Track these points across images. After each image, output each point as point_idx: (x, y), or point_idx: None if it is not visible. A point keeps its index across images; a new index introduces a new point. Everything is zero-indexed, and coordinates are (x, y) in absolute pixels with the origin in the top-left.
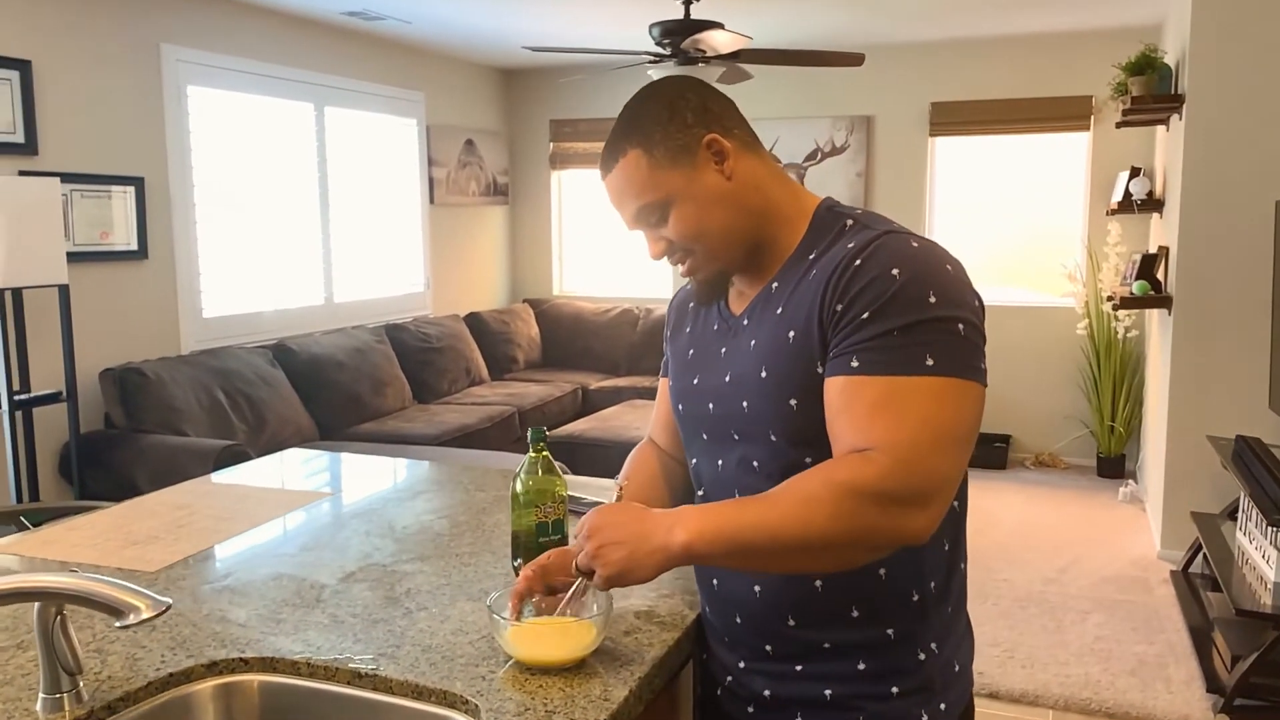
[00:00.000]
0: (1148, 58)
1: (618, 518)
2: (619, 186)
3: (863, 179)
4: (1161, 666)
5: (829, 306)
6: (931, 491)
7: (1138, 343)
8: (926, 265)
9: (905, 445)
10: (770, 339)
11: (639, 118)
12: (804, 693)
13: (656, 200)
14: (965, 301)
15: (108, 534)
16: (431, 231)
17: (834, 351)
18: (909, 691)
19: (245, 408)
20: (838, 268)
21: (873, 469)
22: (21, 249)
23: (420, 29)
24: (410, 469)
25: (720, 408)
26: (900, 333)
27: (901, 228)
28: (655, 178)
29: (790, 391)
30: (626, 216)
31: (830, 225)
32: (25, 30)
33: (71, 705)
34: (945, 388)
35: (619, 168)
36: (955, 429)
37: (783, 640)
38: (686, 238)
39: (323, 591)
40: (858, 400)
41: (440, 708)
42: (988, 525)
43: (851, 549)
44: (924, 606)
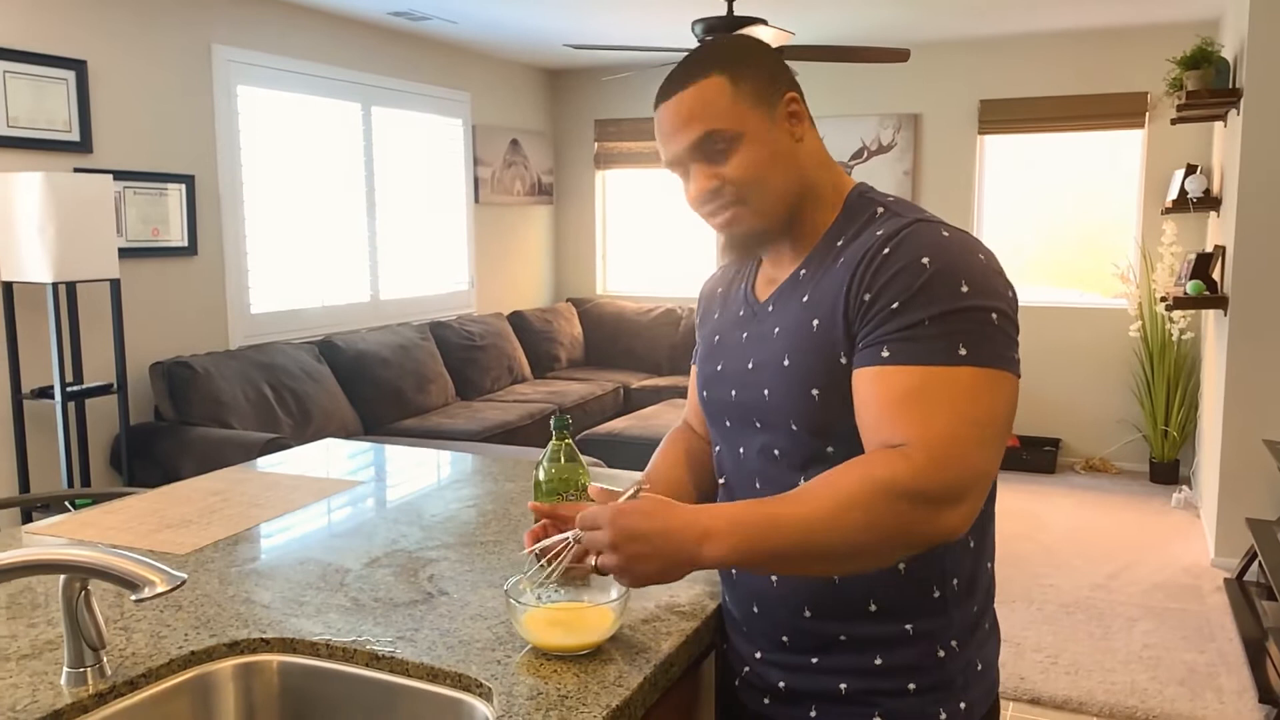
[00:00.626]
0: (1204, 51)
1: (646, 526)
2: (689, 108)
3: (910, 177)
4: (1212, 676)
5: (856, 296)
6: (967, 487)
7: (1193, 345)
8: (958, 254)
9: (940, 440)
10: (794, 327)
11: (729, 49)
12: (819, 686)
13: (729, 131)
14: (998, 291)
15: (142, 517)
16: (476, 231)
17: (863, 342)
18: (927, 689)
19: (291, 402)
20: (865, 255)
21: (908, 467)
22: (75, 244)
23: (466, 29)
24: (442, 460)
25: (742, 395)
26: (932, 322)
27: (933, 216)
28: (735, 109)
29: (813, 381)
30: (682, 143)
31: (861, 211)
32: (81, 31)
33: (95, 679)
34: (979, 378)
35: (696, 88)
36: (990, 421)
37: (799, 632)
38: (746, 182)
39: (347, 576)
40: (889, 392)
41: (455, 690)
42: (1035, 530)
43: (889, 550)
44: (945, 603)
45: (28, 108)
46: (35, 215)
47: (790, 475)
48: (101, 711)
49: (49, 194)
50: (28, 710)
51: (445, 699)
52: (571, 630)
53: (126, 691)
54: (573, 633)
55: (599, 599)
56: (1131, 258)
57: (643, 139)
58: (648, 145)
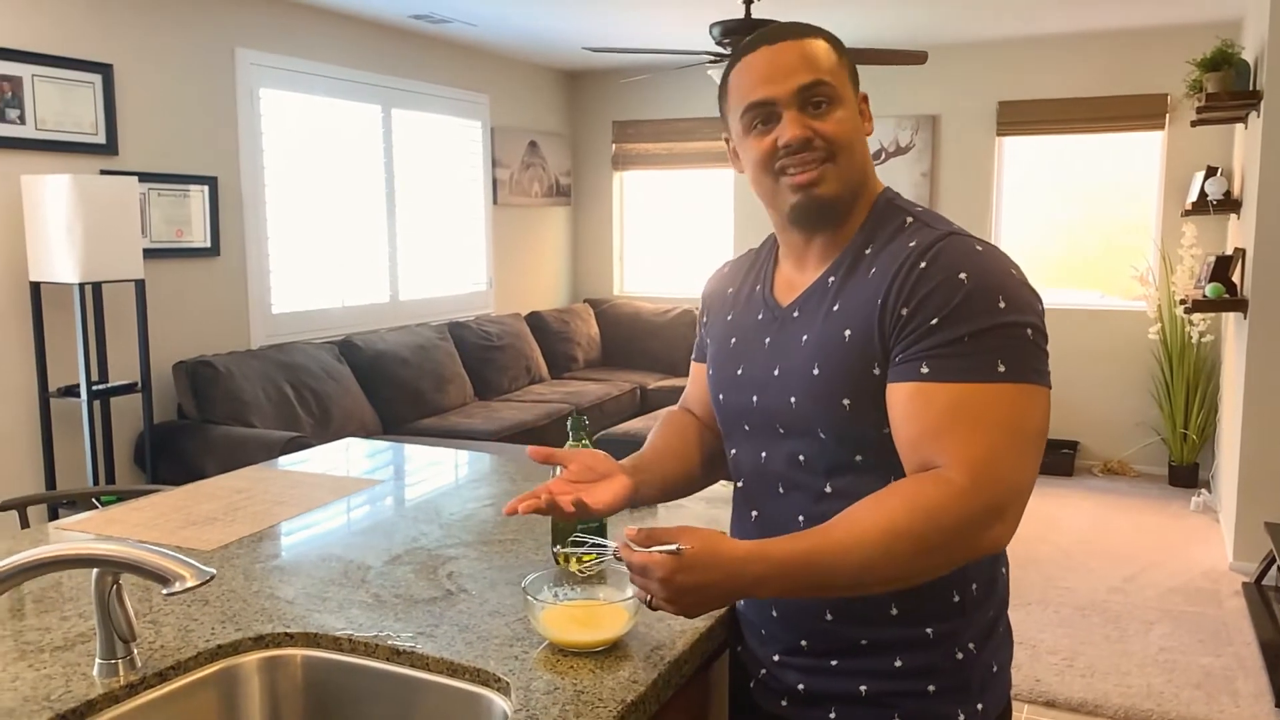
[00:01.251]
0: (1224, 53)
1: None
2: (802, 54)
3: (928, 179)
4: (1229, 679)
5: (893, 309)
6: (1008, 502)
7: (1213, 348)
8: (994, 270)
9: (981, 460)
10: (824, 336)
11: (826, 32)
12: (839, 688)
13: (836, 87)
14: (1031, 306)
15: (168, 514)
16: (494, 231)
17: (900, 356)
18: (946, 691)
19: (311, 401)
20: (901, 269)
21: (951, 492)
22: (101, 245)
23: (485, 31)
24: (460, 459)
25: (765, 400)
26: (971, 339)
27: (961, 229)
28: (839, 73)
29: (844, 391)
30: (791, 84)
31: (890, 219)
32: (107, 36)
33: (126, 671)
34: (1017, 394)
35: (811, 41)
36: (1028, 435)
37: (820, 635)
38: (839, 142)
39: (368, 572)
40: (929, 409)
41: (473, 685)
42: (1051, 532)
43: (937, 571)
44: (965, 607)
45: (56, 111)
46: (63, 217)
47: (815, 481)
48: (132, 702)
49: (76, 196)
50: (62, 700)
51: (464, 693)
52: (588, 627)
53: (156, 683)
54: (589, 629)
55: (614, 596)
56: (1151, 260)
57: (659, 140)
58: (666, 146)
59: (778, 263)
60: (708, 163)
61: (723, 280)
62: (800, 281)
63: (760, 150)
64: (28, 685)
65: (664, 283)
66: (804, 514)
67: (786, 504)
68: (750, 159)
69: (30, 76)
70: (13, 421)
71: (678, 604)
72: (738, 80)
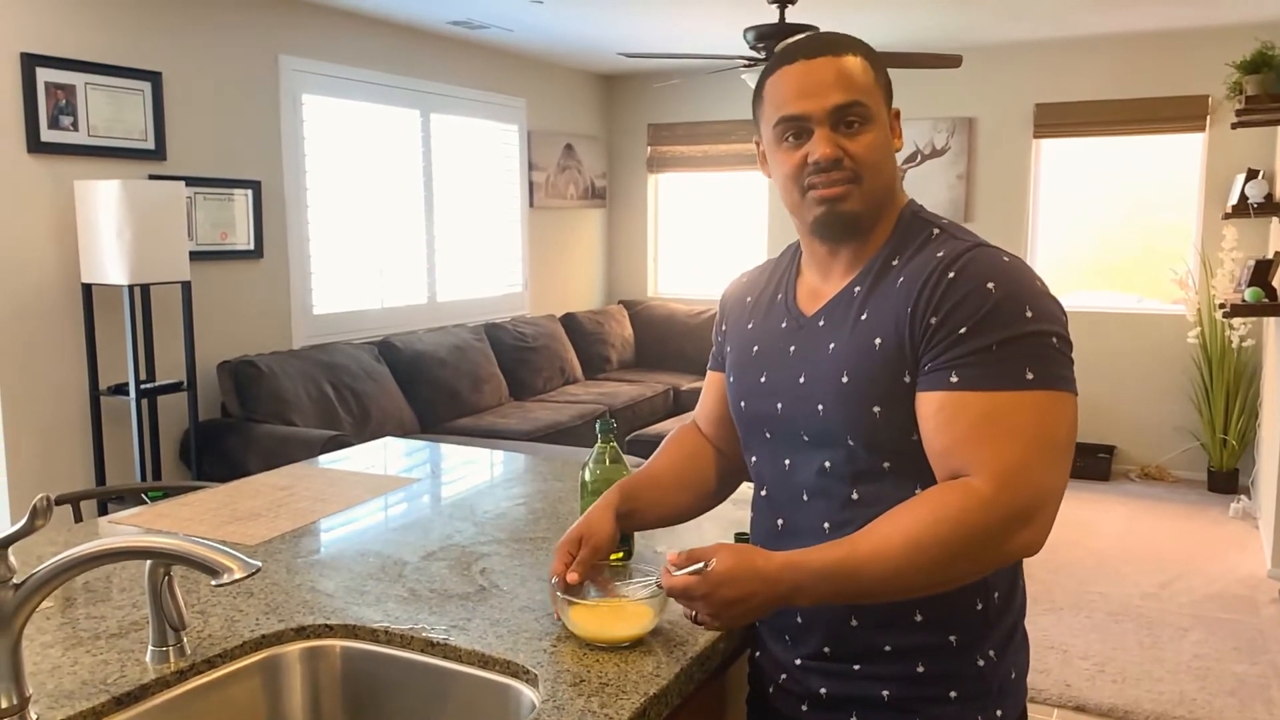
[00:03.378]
0: (1264, 55)
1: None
2: (839, 72)
3: (964, 181)
4: (1263, 688)
5: (922, 318)
6: (1037, 507)
7: (1254, 352)
8: (1020, 280)
9: (1011, 467)
10: (853, 344)
11: (864, 44)
12: (861, 692)
13: (869, 107)
14: (1056, 315)
15: (215, 510)
16: (530, 234)
17: (930, 365)
18: (967, 697)
19: (351, 400)
20: (930, 278)
21: (979, 500)
22: (150, 248)
23: (522, 37)
24: (494, 459)
25: (790, 408)
26: (999, 347)
27: (987, 241)
28: (874, 93)
29: (875, 399)
30: (826, 103)
31: (916, 231)
32: (157, 45)
33: (176, 658)
34: (1046, 401)
35: (849, 58)
36: (1057, 441)
37: (843, 641)
38: (867, 163)
39: (404, 568)
40: (960, 417)
41: (503, 676)
42: (1085, 537)
43: (968, 576)
44: (987, 615)
45: (107, 118)
46: (113, 220)
47: (842, 488)
48: (182, 687)
49: (125, 200)
50: (117, 684)
51: (494, 684)
52: (616, 623)
53: (204, 669)
54: (617, 625)
55: (639, 594)
56: (1191, 263)
57: (694, 143)
58: (700, 149)
59: (800, 271)
60: (742, 165)
61: (741, 289)
62: (825, 291)
63: (790, 164)
64: (85, 670)
65: (698, 284)
66: (829, 521)
67: (811, 511)
68: (780, 170)
69: (83, 85)
70: (65, 419)
71: (721, 618)
72: (773, 90)
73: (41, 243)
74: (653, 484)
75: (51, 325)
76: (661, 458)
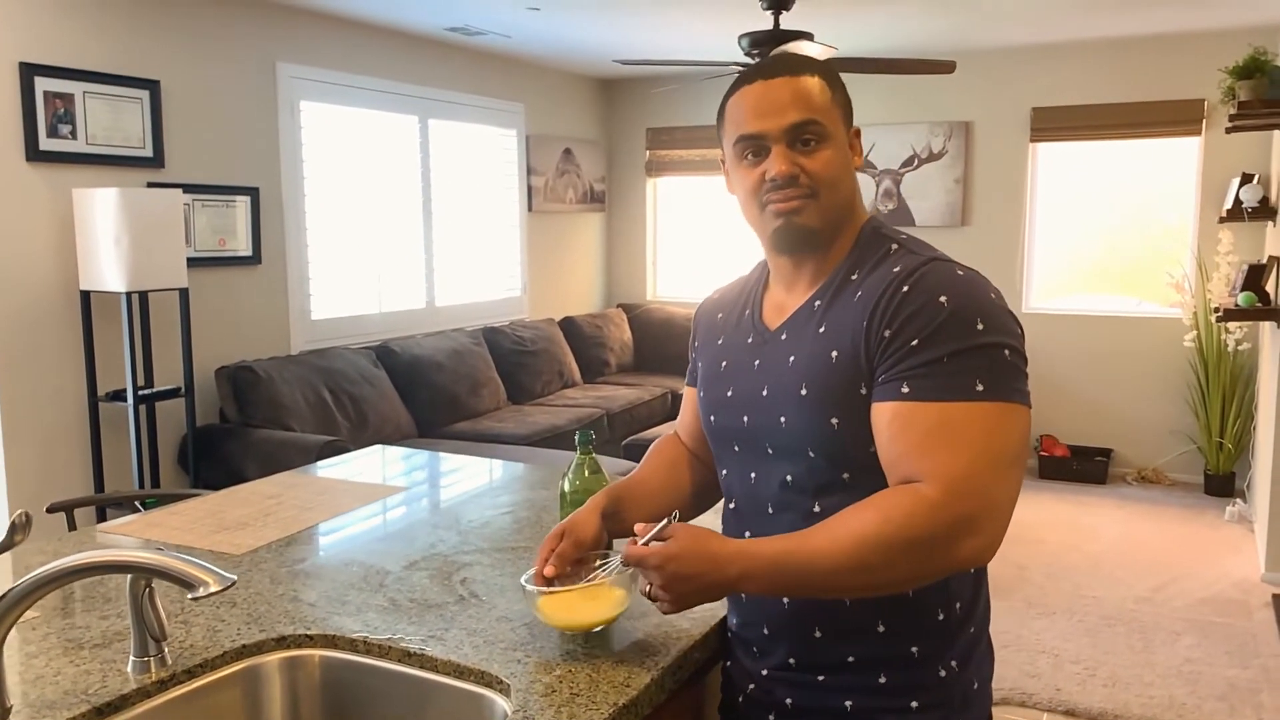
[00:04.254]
0: (1256, 61)
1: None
2: (794, 91)
3: (961, 185)
4: (1254, 692)
5: (876, 331)
6: (984, 516)
7: (1249, 356)
8: (973, 293)
9: (960, 476)
10: (812, 357)
11: (824, 65)
12: (825, 703)
13: (825, 126)
14: (1009, 328)
15: (204, 519)
16: (529, 238)
17: (883, 377)
18: (928, 707)
19: (349, 405)
20: (885, 292)
21: (925, 507)
22: (148, 255)
23: (519, 42)
24: (484, 467)
25: (755, 420)
26: (950, 359)
27: (945, 255)
28: (831, 112)
29: (832, 410)
30: (781, 121)
31: (875, 247)
32: (155, 53)
33: (157, 668)
34: (996, 412)
35: (805, 79)
36: (1007, 452)
37: (808, 651)
38: (823, 179)
39: (386, 577)
40: (911, 427)
41: (478, 686)
42: (1082, 540)
43: (911, 582)
44: (948, 626)
45: (105, 126)
46: (111, 228)
47: (804, 501)
48: (163, 697)
49: (124, 208)
50: (98, 694)
51: (468, 694)
52: (583, 608)
53: (185, 679)
54: (584, 610)
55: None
56: (1187, 267)
57: (694, 147)
58: (699, 153)
59: (767, 287)
60: None
61: (713, 305)
62: (789, 305)
63: (750, 181)
64: (68, 680)
65: (697, 288)
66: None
67: (776, 525)
68: (740, 187)
69: (81, 93)
70: (64, 425)
71: (672, 592)
72: (733, 110)
73: (40, 251)
74: (638, 487)
75: (50, 332)
76: (645, 466)
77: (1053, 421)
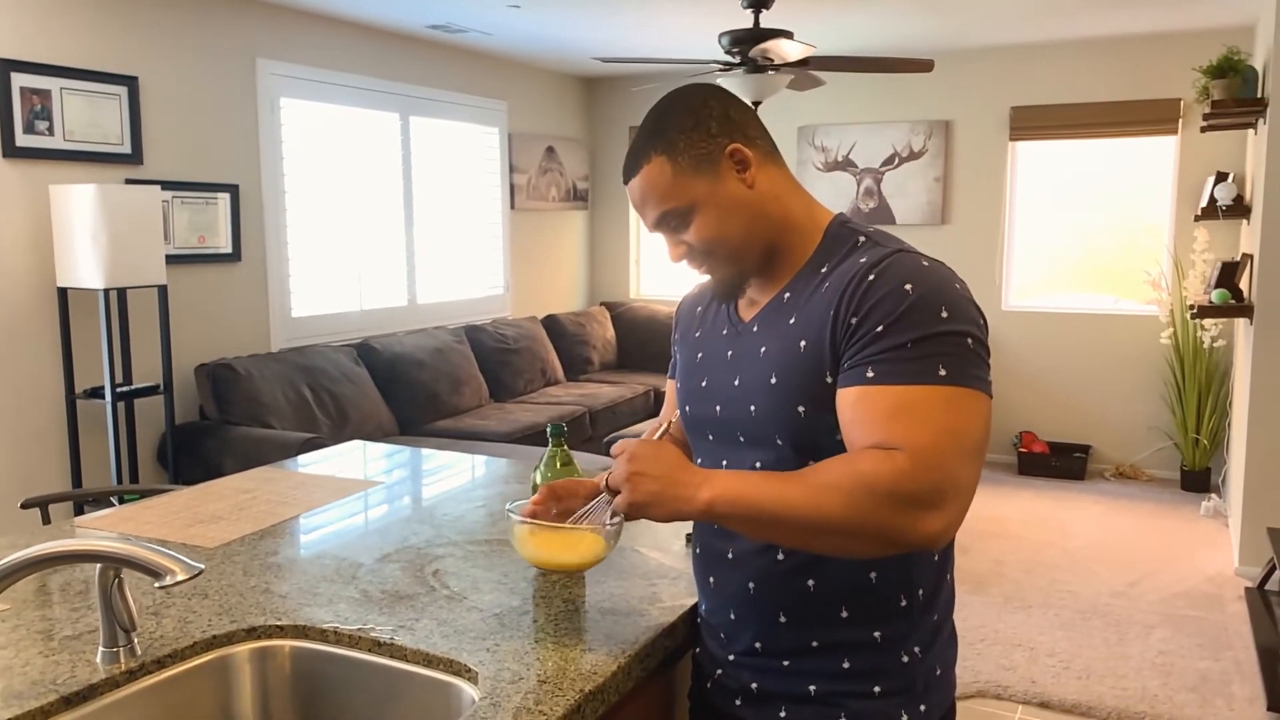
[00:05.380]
0: (1230, 60)
1: (661, 454)
2: (643, 192)
3: (941, 184)
4: (1225, 683)
5: (843, 319)
6: (946, 494)
7: (1225, 352)
8: (937, 282)
9: (924, 449)
10: (781, 348)
11: (663, 125)
12: (789, 688)
13: (679, 207)
14: (973, 318)
15: (178, 513)
16: (512, 236)
17: (848, 363)
18: (891, 692)
19: (329, 403)
20: (851, 281)
21: (892, 466)
22: (126, 252)
23: (501, 40)
24: (461, 462)
25: (727, 410)
26: (914, 345)
27: (912, 247)
28: (679, 185)
29: (799, 399)
30: (649, 220)
31: (843, 240)
32: (133, 49)
33: (126, 658)
34: (957, 396)
35: (643, 174)
36: (969, 436)
37: (773, 636)
38: (707, 243)
39: (359, 570)
40: (874, 409)
41: (446, 675)
42: (1060, 536)
43: (863, 540)
44: (911, 611)
45: (83, 122)
46: (89, 225)
47: None
48: (132, 687)
49: (101, 205)
50: (67, 684)
51: (437, 682)
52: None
53: (154, 670)
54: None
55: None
56: (1164, 265)
57: None
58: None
59: None
60: None
61: (693, 299)
62: (760, 299)
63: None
64: (37, 670)
65: (680, 286)
66: None
67: None
68: None
69: (59, 89)
70: (41, 422)
71: (630, 484)
72: None
73: (17, 247)
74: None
75: (27, 329)
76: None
77: (1032, 418)
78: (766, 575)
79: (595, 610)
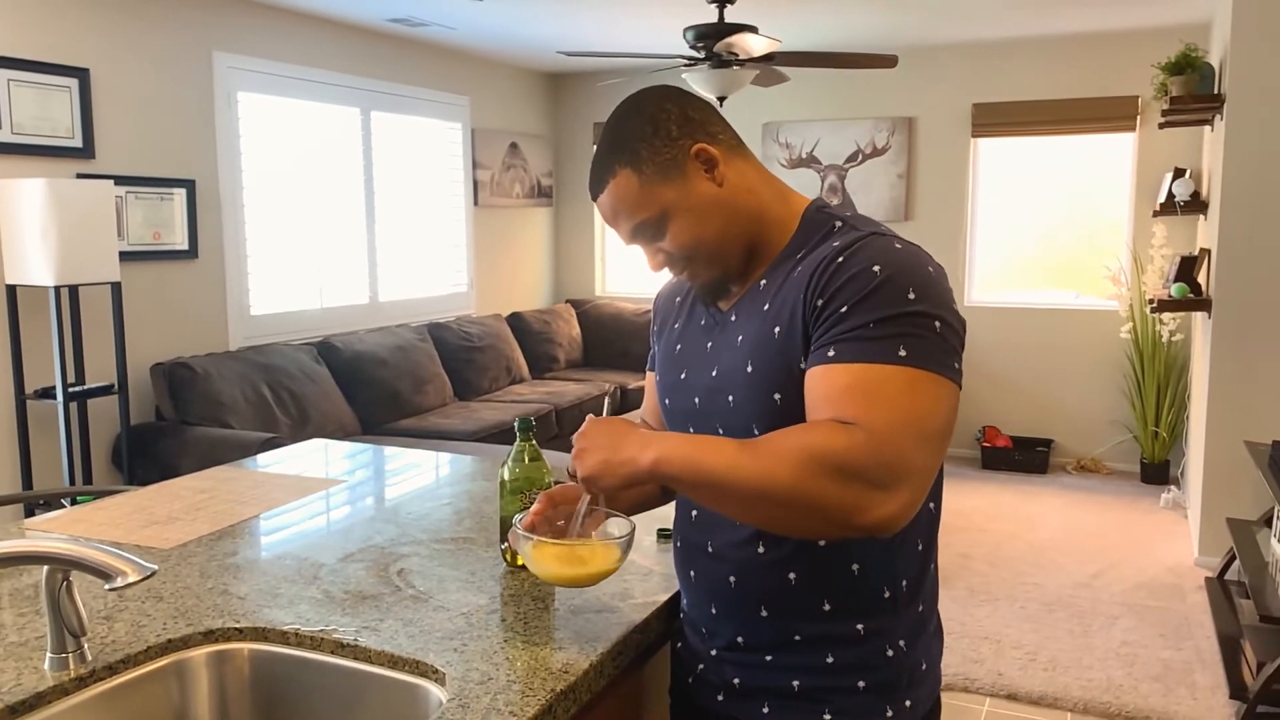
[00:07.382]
0: (1187, 57)
1: (607, 426)
2: (613, 206)
3: (904, 180)
4: (1187, 672)
5: (811, 302)
6: (899, 476)
7: (1183, 346)
8: (908, 264)
9: (880, 426)
10: (756, 335)
11: (623, 136)
12: (773, 683)
13: (651, 217)
14: (944, 303)
15: (132, 514)
16: (475, 233)
17: (814, 345)
18: (875, 687)
19: (289, 402)
20: (821, 264)
21: (846, 438)
22: (77, 248)
23: (464, 34)
24: (426, 461)
25: (706, 402)
26: (877, 325)
27: (889, 230)
28: (647, 194)
29: (774, 386)
30: (623, 234)
31: (820, 226)
32: (84, 40)
33: (75, 664)
34: (918, 379)
35: (610, 189)
36: (928, 420)
37: (755, 630)
38: (685, 248)
39: (320, 570)
40: (831, 388)
41: (412, 676)
42: (1024, 529)
43: (810, 514)
44: (895, 604)
45: (32, 115)
46: (38, 220)
47: None
48: (81, 695)
49: (51, 199)
50: (12, 692)
51: (403, 684)
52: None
53: (106, 676)
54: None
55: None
56: (1123, 260)
57: None
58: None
59: None
60: None
61: (672, 290)
62: (739, 289)
63: None
64: None
65: (646, 283)
66: None
67: None
68: None
69: (6, 81)
70: None
71: (579, 460)
72: None
73: None
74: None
75: None
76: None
77: (995, 412)
78: (747, 568)
79: (565, 608)
